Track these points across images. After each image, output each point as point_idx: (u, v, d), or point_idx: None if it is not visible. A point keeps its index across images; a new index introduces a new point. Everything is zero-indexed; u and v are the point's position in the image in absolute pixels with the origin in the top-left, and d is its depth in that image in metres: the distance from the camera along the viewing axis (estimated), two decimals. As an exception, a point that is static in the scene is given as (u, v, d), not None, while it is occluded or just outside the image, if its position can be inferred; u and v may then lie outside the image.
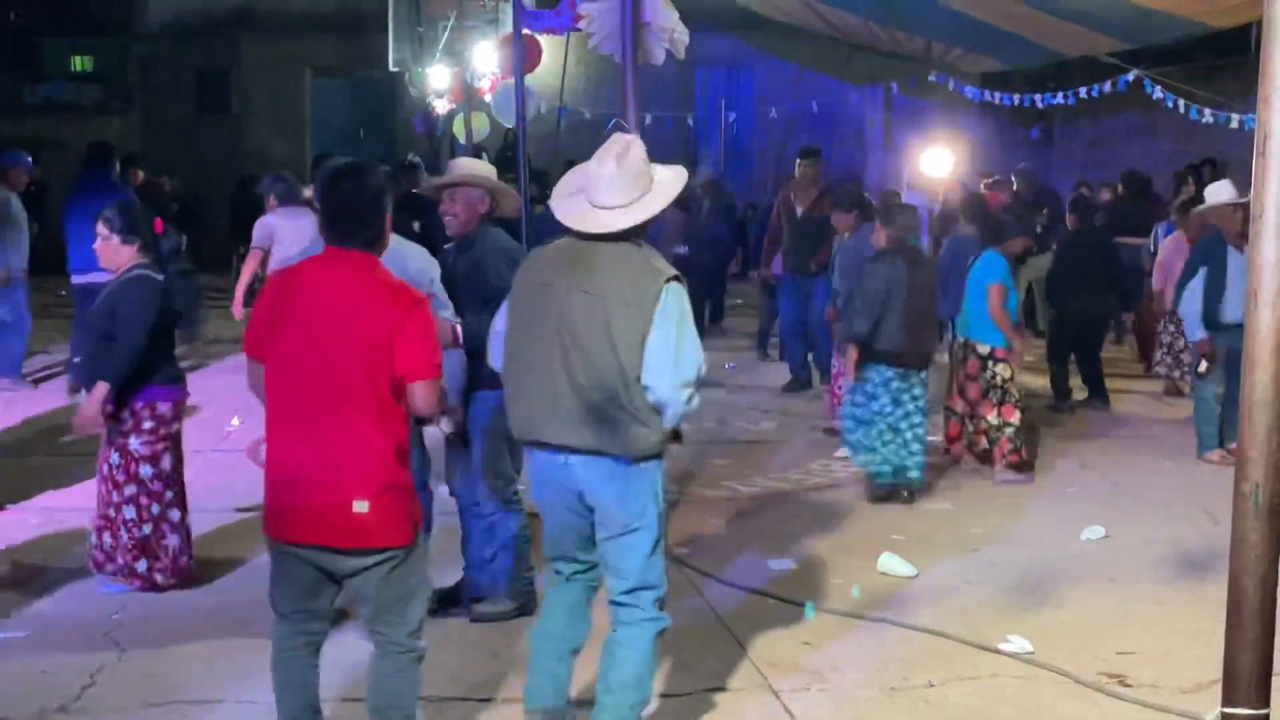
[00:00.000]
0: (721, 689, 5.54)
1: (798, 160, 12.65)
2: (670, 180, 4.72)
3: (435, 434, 6.37)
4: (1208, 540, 7.41)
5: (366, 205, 4.33)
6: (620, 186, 4.56)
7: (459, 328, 5.90)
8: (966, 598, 6.72)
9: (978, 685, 5.62)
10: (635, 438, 4.52)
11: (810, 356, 12.17)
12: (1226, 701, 3.37)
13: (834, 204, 10.60)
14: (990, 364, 9.08)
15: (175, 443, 6.71)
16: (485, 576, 6.36)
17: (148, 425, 6.57)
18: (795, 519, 8.16)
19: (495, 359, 4.85)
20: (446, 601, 6.34)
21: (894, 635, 6.18)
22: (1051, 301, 12.16)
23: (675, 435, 4.69)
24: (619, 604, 4.72)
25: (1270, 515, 3.25)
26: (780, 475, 9.26)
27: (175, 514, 6.68)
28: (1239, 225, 9.41)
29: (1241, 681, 3.33)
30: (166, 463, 6.63)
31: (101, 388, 6.41)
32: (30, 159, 12.61)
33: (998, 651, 5.94)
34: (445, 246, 6.43)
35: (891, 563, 7.14)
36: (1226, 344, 9.31)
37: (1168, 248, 11.94)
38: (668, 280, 4.52)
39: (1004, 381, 9.08)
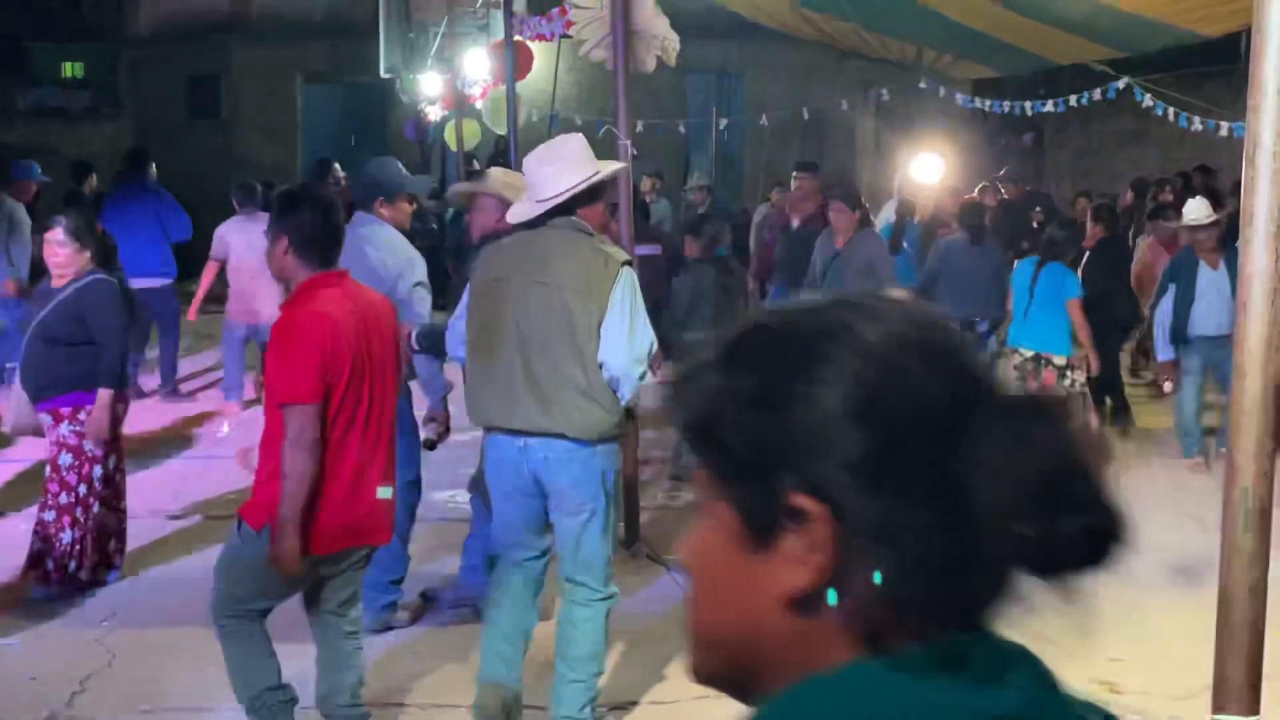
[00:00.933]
0: (707, 695, 5.52)
1: (794, 174, 12.66)
2: (612, 166, 5.11)
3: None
4: (1197, 547, 7.42)
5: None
6: (562, 176, 4.81)
7: (413, 332, 5.90)
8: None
9: (968, 692, 5.61)
10: (593, 420, 4.74)
11: None
12: (1216, 708, 3.38)
13: (837, 197, 10.45)
14: (1069, 373, 9.29)
15: (120, 445, 6.74)
16: (479, 581, 6.39)
17: (81, 417, 6.56)
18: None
19: (451, 348, 5.12)
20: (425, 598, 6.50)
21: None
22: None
23: (629, 414, 4.97)
24: (573, 583, 4.91)
25: (1260, 522, 3.25)
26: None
27: (79, 511, 6.58)
28: (1212, 242, 9.57)
29: (1231, 688, 3.33)
30: (112, 464, 6.67)
31: (105, 394, 6.46)
32: (38, 168, 12.67)
33: (988, 658, 5.94)
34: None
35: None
36: (1199, 355, 9.48)
37: (1144, 254, 12.01)
38: (621, 264, 4.79)
39: (1082, 388, 9.31)
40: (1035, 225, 14.56)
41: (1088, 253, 11.96)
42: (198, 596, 6.66)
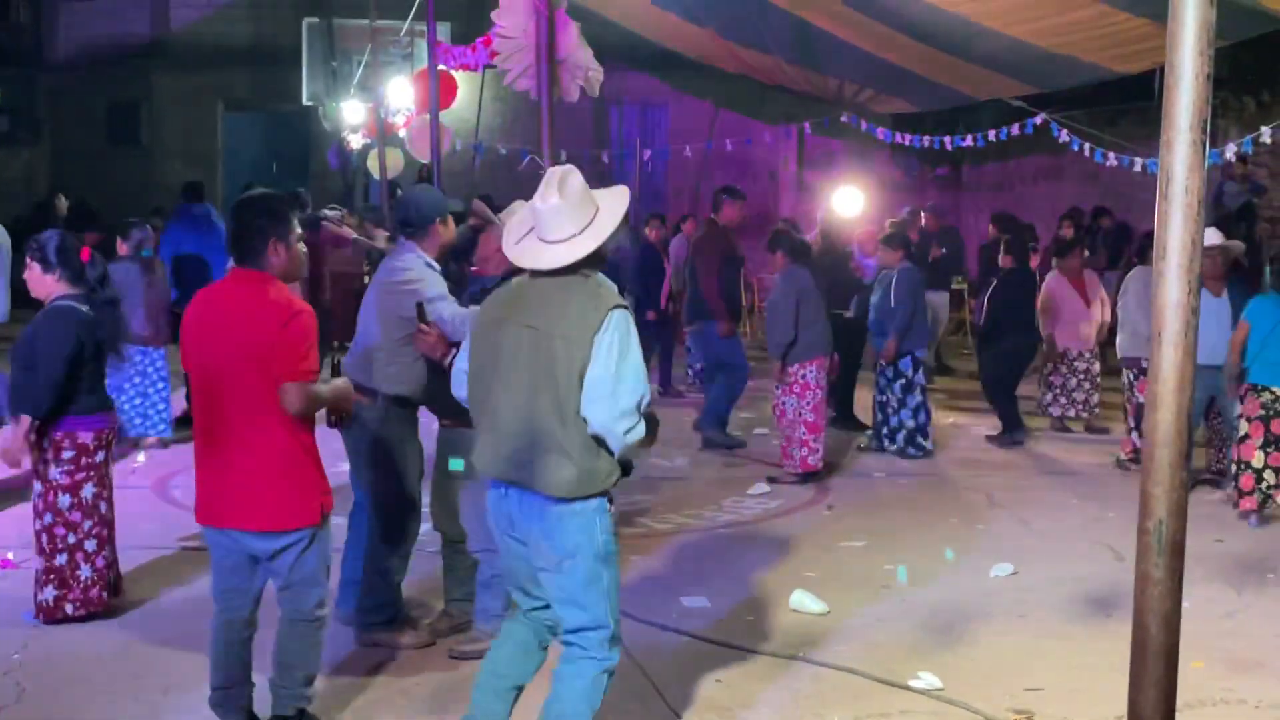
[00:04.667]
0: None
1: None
2: (613, 202, 4.69)
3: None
4: (1113, 577, 7.52)
5: (256, 231, 4.92)
6: (566, 217, 4.54)
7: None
8: (878, 635, 6.75)
9: (888, 722, 5.64)
10: (565, 477, 4.46)
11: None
12: (1131, 737, 3.41)
13: (771, 245, 10.73)
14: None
15: (99, 473, 6.63)
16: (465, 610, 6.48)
17: (67, 455, 6.51)
18: (709, 556, 8.17)
19: (456, 388, 4.92)
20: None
21: (806, 672, 6.19)
22: (988, 338, 12.36)
23: (624, 469, 4.62)
24: (565, 641, 4.70)
25: (1173, 552, 3.30)
26: (694, 512, 9.27)
27: (91, 545, 6.61)
28: (1216, 269, 9.67)
29: (1146, 717, 3.37)
30: (87, 492, 6.56)
31: (24, 421, 6.36)
32: None
33: (908, 688, 5.97)
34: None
35: (803, 600, 7.16)
36: (1201, 386, 9.54)
37: (1049, 290, 12.20)
38: (611, 309, 4.47)
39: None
40: (931, 260, 14.81)
41: (995, 281, 12.22)
42: (110, 629, 6.60)
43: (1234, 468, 9.34)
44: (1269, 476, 9.11)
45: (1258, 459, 9.12)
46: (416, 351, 6.19)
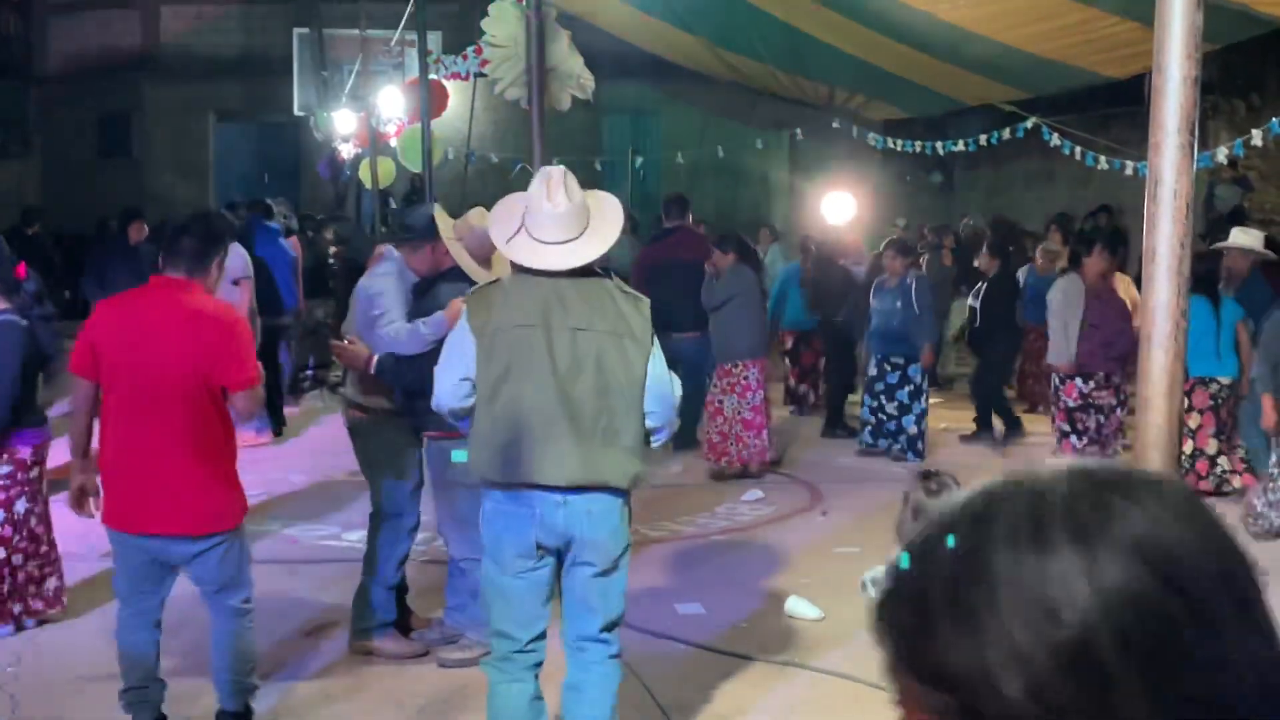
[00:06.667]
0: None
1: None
2: (607, 204, 4.75)
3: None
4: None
5: (211, 245, 5.14)
6: (577, 218, 4.56)
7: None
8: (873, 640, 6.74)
9: (884, 727, 5.63)
10: (635, 469, 4.59)
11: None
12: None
13: (717, 244, 10.96)
14: None
15: (33, 488, 6.62)
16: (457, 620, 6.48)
17: (4, 470, 6.48)
18: (703, 563, 8.17)
19: (444, 399, 4.63)
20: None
21: (801, 679, 6.19)
22: (982, 343, 12.47)
23: None
24: (595, 641, 4.62)
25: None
26: (687, 519, 9.27)
27: (18, 559, 6.59)
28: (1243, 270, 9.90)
29: None
30: (20, 507, 6.55)
31: None
32: None
33: (903, 693, 5.96)
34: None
35: (799, 606, 7.16)
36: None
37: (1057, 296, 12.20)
38: (649, 305, 4.63)
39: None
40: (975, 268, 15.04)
41: (984, 285, 12.25)
42: (100, 642, 6.58)
43: (1186, 462, 9.56)
44: (1223, 462, 9.57)
45: (1211, 446, 9.59)
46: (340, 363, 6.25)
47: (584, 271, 4.58)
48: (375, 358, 6.10)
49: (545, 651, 4.68)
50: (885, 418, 11.37)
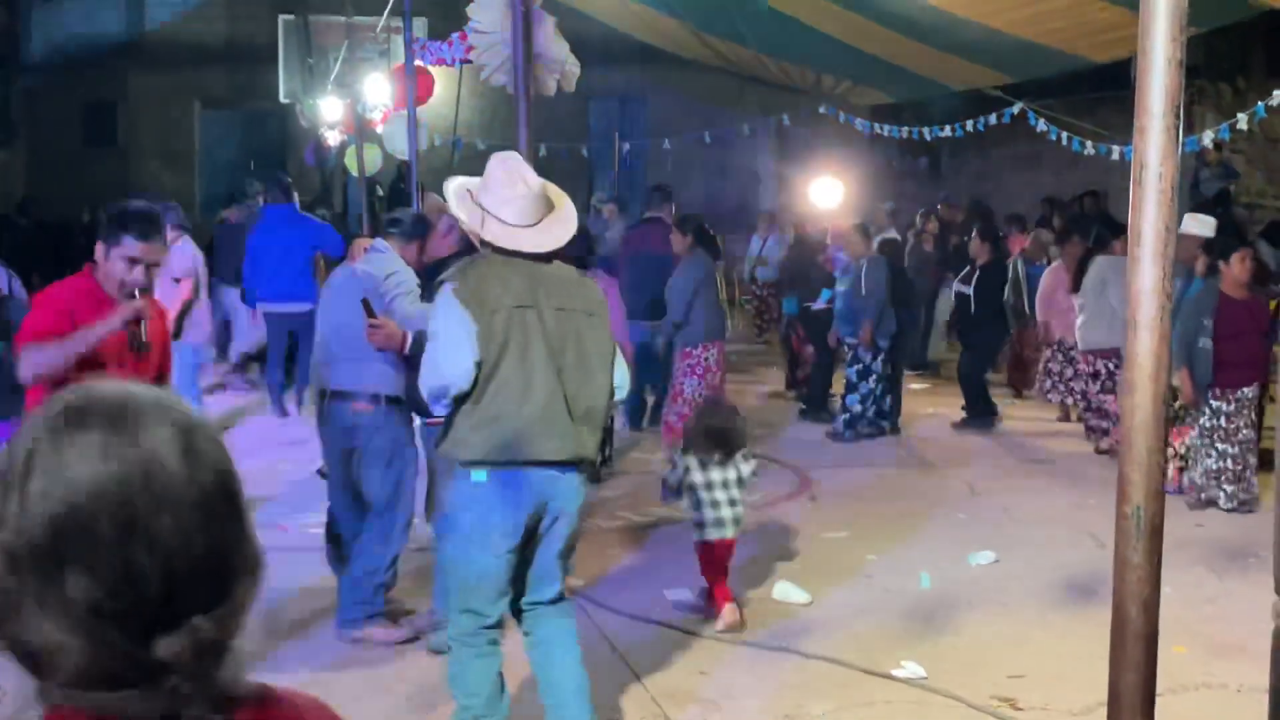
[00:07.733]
0: (617, 720, 5.53)
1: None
2: (553, 188, 4.87)
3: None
4: (1094, 563, 7.54)
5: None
6: (545, 201, 4.72)
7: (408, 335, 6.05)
8: (861, 625, 6.76)
9: (872, 711, 5.65)
10: (596, 442, 4.81)
11: None
12: (1112, 722, 3.42)
13: (677, 226, 10.93)
14: None
15: None
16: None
17: None
18: (691, 548, 8.16)
19: (458, 383, 4.55)
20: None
21: (789, 663, 6.20)
22: (971, 330, 12.59)
23: None
24: (557, 601, 4.82)
25: (1151, 537, 3.30)
26: (675, 504, 9.25)
27: None
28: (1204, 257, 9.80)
29: (1126, 702, 3.37)
30: None
31: None
32: None
33: (891, 678, 5.98)
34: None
35: (787, 590, 7.17)
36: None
37: (1048, 279, 12.22)
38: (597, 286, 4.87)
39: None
40: (953, 250, 15.04)
41: (978, 271, 12.30)
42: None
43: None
44: (1178, 446, 9.42)
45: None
46: (374, 346, 6.14)
47: (550, 254, 4.72)
48: (409, 336, 6.02)
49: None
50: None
